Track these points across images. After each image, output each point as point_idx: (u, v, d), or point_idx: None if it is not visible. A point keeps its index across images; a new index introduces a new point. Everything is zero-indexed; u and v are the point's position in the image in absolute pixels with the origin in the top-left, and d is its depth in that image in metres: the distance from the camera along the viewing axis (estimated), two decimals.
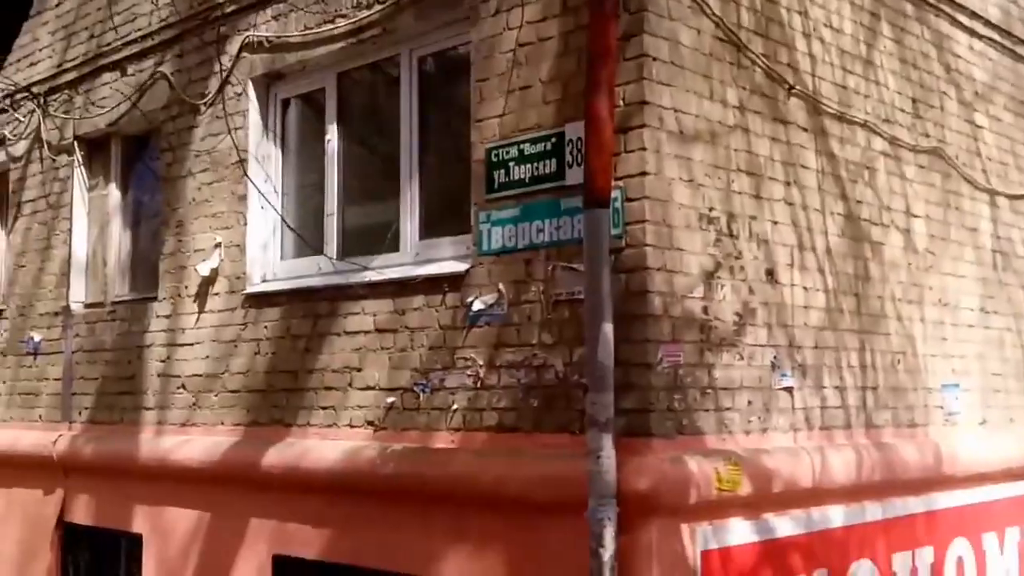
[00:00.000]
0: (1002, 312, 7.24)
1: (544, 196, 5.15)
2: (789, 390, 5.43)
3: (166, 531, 6.89)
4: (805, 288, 5.61)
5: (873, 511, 5.78)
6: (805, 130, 5.74)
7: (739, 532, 5.00)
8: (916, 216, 6.51)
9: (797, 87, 5.69)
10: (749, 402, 5.19)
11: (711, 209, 5.11)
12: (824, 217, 5.81)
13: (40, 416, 8.12)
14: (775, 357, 5.36)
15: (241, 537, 6.37)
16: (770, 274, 5.41)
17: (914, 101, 6.62)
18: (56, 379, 8.00)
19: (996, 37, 7.45)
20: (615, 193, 4.81)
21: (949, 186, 6.86)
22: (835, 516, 5.53)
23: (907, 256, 6.39)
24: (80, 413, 7.75)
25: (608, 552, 4.54)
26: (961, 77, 7.11)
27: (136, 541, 7.14)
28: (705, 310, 5.02)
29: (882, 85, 6.36)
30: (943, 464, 6.23)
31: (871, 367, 6.00)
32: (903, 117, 6.51)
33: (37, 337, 8.24)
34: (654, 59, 4.91)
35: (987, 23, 7.34)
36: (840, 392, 5.76)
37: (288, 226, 6.64)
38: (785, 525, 5.24)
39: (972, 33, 7.22)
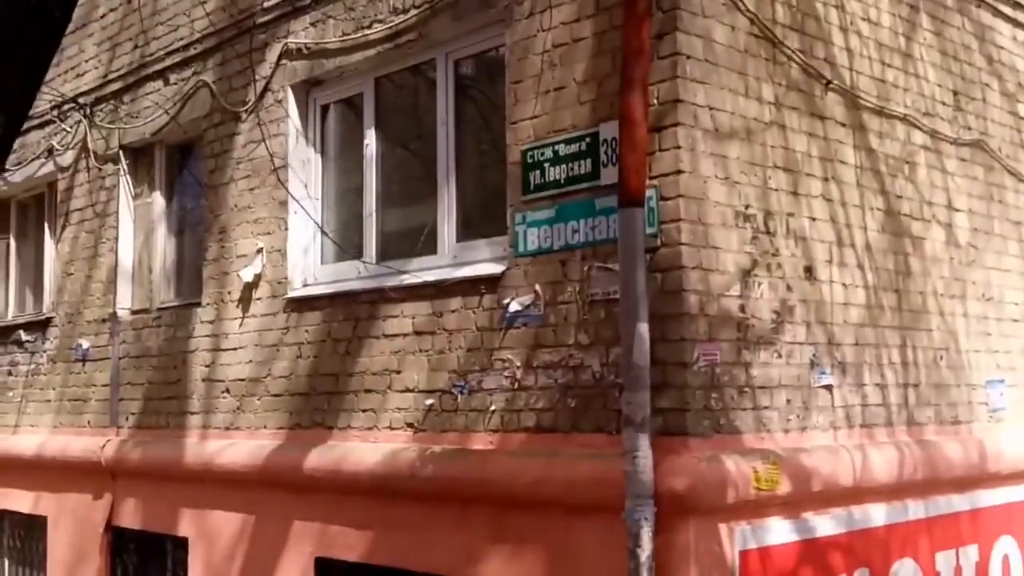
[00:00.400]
0: None
1: (579, 196, 5.15)
2: (828, 388, 5.38)
3: (211, 534, 6.94)
4: (844, 285, 5.55)
5: (916, 509, 5.73)
6: (843, 125, 5.69)
7: (778, 532, 4.97)
8: (958, 210, 6.42)
9: (834, 82, 5.63)
10: (788, 400, 5.15)
11: (747, 206, 5.07)
12: (863, 212, 5.75)
13: (89, 422, 8.20)
14: (814, 355, 5.31)
15: (284, 540, 6.40)
16: (808, 271, 5.36)
17: (955, 94, 6.53)
18: (104, 385, 8.09)
19: None
20: (650, 192, 4.80)
21: (992, 179, 6.76)
22: (876, 515, 5.48)
23: (949, 251, 6.31)
24: (127, 418, 7.82)
25: (645, 552, 4.53)
26: (1004, 68, 7.00)
27: (182, 544, 7.20)
28: (742, 308, 4.99)
29: (922, 78, 6.28)
30: (988, 461, 6.16)
31: (913, 364, 5.92)
32: (944, 110, 6.42)
33: (85, 344, 8.33)
34: (688, 57, 4.89)
35: None
36: (881, 389, 5.70)
37: (324, 233, 6.68)
38: (825, 524, 5.20)
39: (1016, 23, 7.11)
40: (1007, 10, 7.02)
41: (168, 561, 7.42)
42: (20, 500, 8.74)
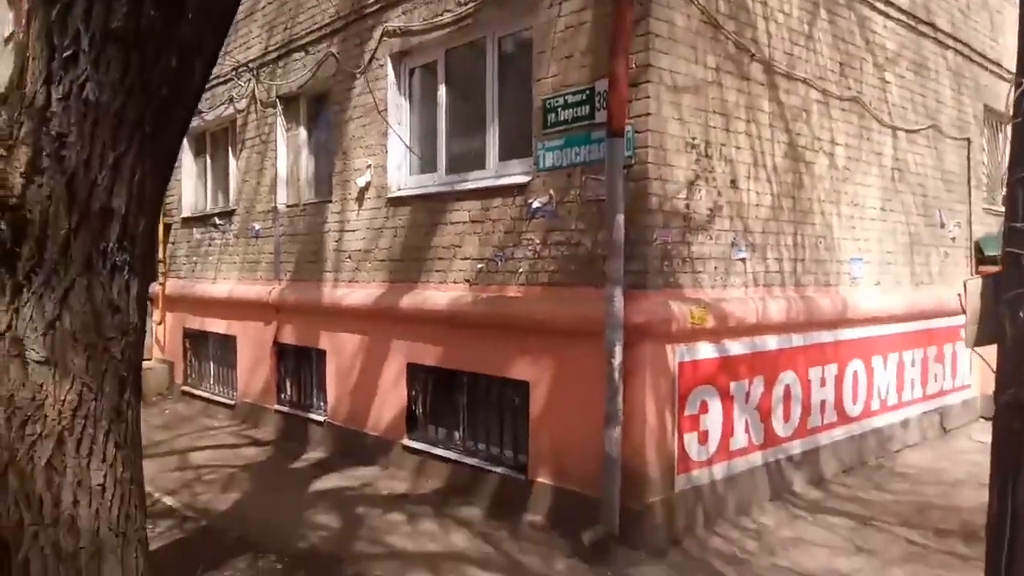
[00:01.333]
0: (896, 211, 7.01)
1: (580, 131, 5.10)
2: (743, 260, 5.40)
3: (340, 347, 7.13)
4: (757, 192, 5.51)
5: (797, 340, 5.78)
6: (761, 84, 5.55)
7: (704, 351, 5.05)
8: (838, 144, 6.29)
9: (757, 55, 5.48)
10: (715, 268, 5.19)
11: (694, 139, 5.01)
12: (773, 144, 5.65)
13: (260, 276, 8.36)
14: (734, 238, 5.32)
15: (387, 352, 6.58)
16: (733, 183, 5.32)
17: (841, 64, 6.31)
18: (270, 253, 8.22)
19: (903, 18, 7.01)
20: (628, 128, 4.75)
21: (863, 124, 6.58)
22: (771, 343, 5.55)
23: (830, 171, 6.21)
24: (285, 274, 7.96)
25: (617, 361, 4.66)
26: (876, 47, 6.74)
27: (321, 353, 7.39)
28: (687, 207, 4.98)
29: (818, 53, 6.07)
30: (847, 311, 6.18)
31: (801, 246, 5.91)
32: (832, 75, 6.22)
33: (257, 226, 8.44)
34: (656, 36, 4.77)
35: (898, 8, 6.90)
36: (778, 262, 5.71)
37: (412, 152, 6.66)
38: (736, 347, 5.28)
39: (886, 15, 6.81)
40: (880, 5, 6.71)
41: (312, 364, 7.62)
42: (218, 325, 8.99)
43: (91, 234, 2.87)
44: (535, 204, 5.35)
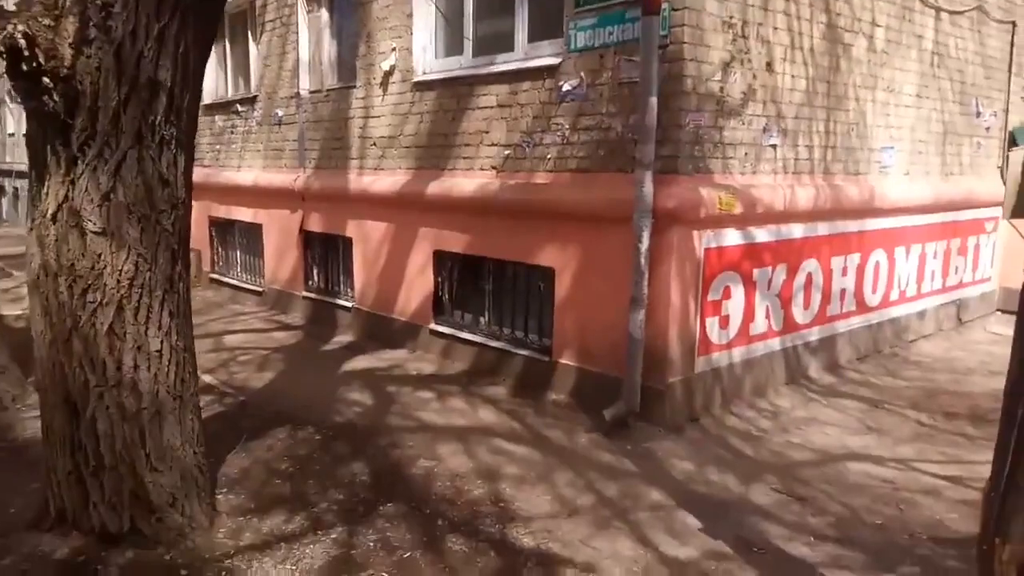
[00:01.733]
0: (932, 98, 6.85)
1: (614, 9, 4.95)
2: (774, 146, 5.35)
3: (366, 235, 7.21)
4: (792, 76, 5.39)
5: (822, 229, 5.80)
6: None
7: (731, 237, 5.09)
8: (878, 25, 6.08)
9: None
10: (745, 153, 5.16)
11: (731, 18, 4.88)
12: (811, 25, 5.48)
13: (284, 164, 8.35)
14: (766, 124, 5.25)
15: (413, 239, 6.66)
16: (768, 65, 5.20)
17: None
18: (293, 140, 8.18)
19: None
20: (664, 6, 4.62)
21: (906, 3, 6.32)
22: (796, 231, 5.57)
23: (868, 55, 6.03)
24: (310, 162, 7.94)
25: (645, 246, 4.72)
26: None
27: (348, 241, 7.48)
28: (721, 89, 4.90)
29: None
30: (875, 200, 6.15)
31: (832, 133, 5.82)
32: None
33: (280, 112, 8.37)
34: None
35: None
36: (809, 149, 5.65)
37: (440, 32, 6.51)
38: (762, 235, 5.31)
39: None
40: None
41: (339, 252, 7.73)
42: (244, 214, 9.06)
43: (140, 106, 2.94)
44: (565, 87, 5.29)
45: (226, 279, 9.56)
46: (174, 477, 3.27)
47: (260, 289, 8.89)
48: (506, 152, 5.76)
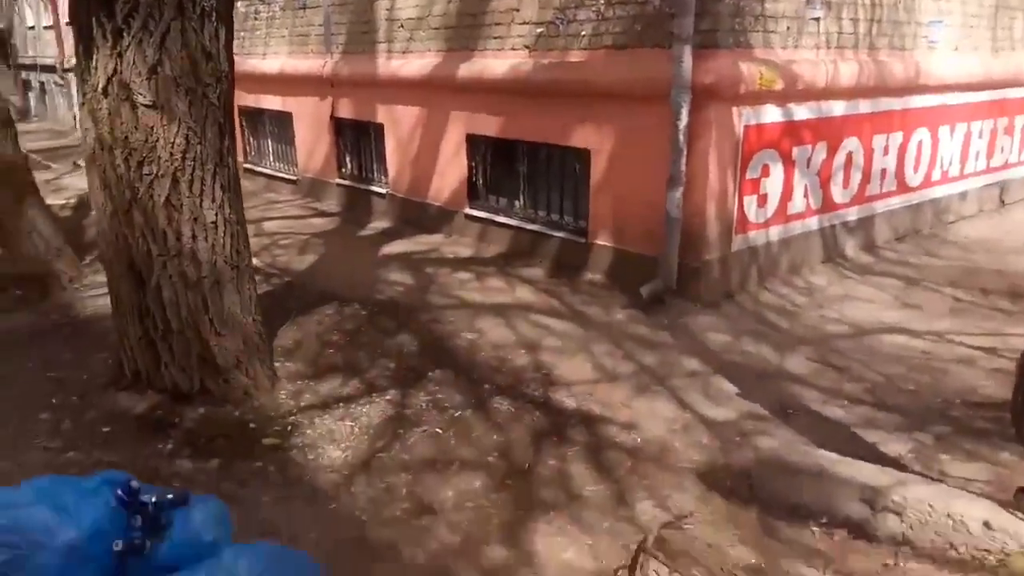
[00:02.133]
0: None
1: None
2: (817, 20, 5.18)
3: (398, 120, 7.19)
4: None
5: (864, 106, 5.69)
6: None
7: (771, 114, 5.04)
8: None
9: None
10: (787, 28, 5.01)
11: None
12: None
13: (311, 50, 8.21)
14: None
15: (445, 123, 6.64)
16: None
17: None
18: (319, 25, 8.01)
19: None
20: None
21: None
22: (837, 108, 5.48)
23: None
24: (337, 47, 7.82)
25: (683, 124, 4.71)
26: None
27: (380, 128, 7.48)
28: None
29: None
30: (920, 77, 5.97)
31: (878, 5, 5.60)
32: None
33: None
34: None
35: None
36: (854, 23, 5.46)
37: None
38: (802, 112, 5.24)
39: None
40: None
41: (371, 138, 7.74)
42: (273, 102, 9.02)
43: None
44: None
45: (259, 168, 9.63)
46: (237, 341, 3.46)
47: (294, 178, 8.96)
48: (538, 30, 5.63)
